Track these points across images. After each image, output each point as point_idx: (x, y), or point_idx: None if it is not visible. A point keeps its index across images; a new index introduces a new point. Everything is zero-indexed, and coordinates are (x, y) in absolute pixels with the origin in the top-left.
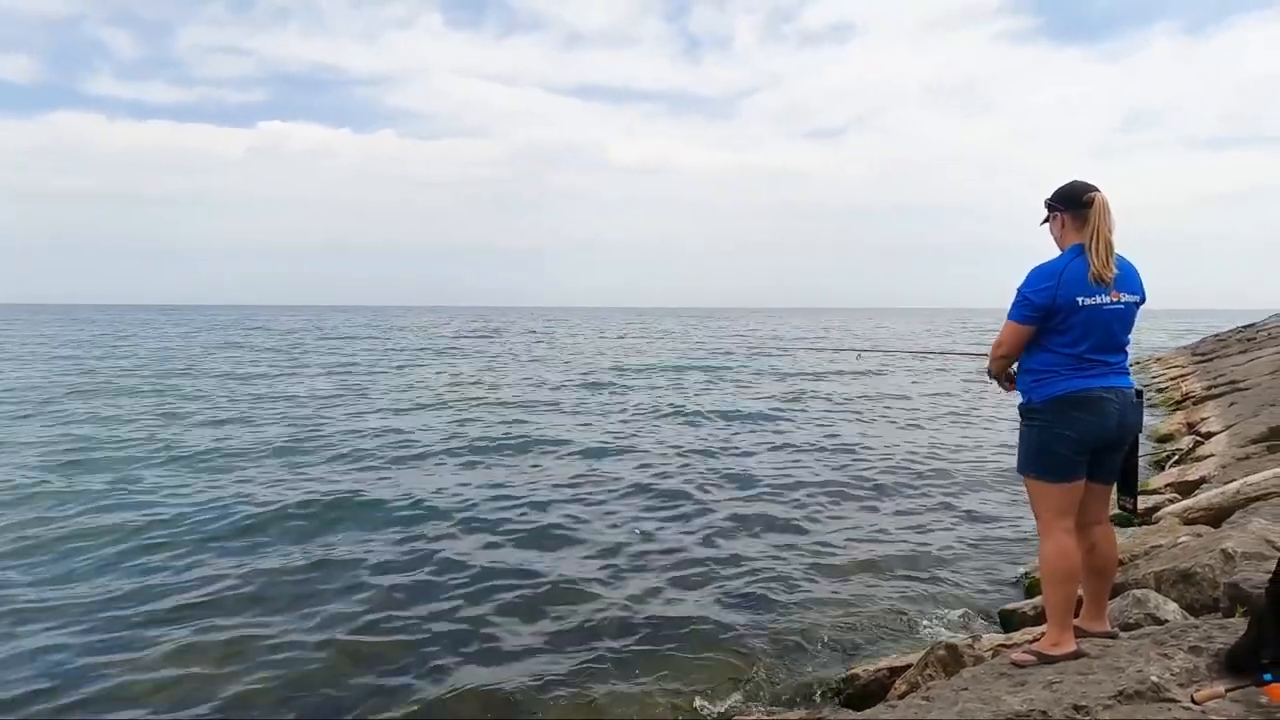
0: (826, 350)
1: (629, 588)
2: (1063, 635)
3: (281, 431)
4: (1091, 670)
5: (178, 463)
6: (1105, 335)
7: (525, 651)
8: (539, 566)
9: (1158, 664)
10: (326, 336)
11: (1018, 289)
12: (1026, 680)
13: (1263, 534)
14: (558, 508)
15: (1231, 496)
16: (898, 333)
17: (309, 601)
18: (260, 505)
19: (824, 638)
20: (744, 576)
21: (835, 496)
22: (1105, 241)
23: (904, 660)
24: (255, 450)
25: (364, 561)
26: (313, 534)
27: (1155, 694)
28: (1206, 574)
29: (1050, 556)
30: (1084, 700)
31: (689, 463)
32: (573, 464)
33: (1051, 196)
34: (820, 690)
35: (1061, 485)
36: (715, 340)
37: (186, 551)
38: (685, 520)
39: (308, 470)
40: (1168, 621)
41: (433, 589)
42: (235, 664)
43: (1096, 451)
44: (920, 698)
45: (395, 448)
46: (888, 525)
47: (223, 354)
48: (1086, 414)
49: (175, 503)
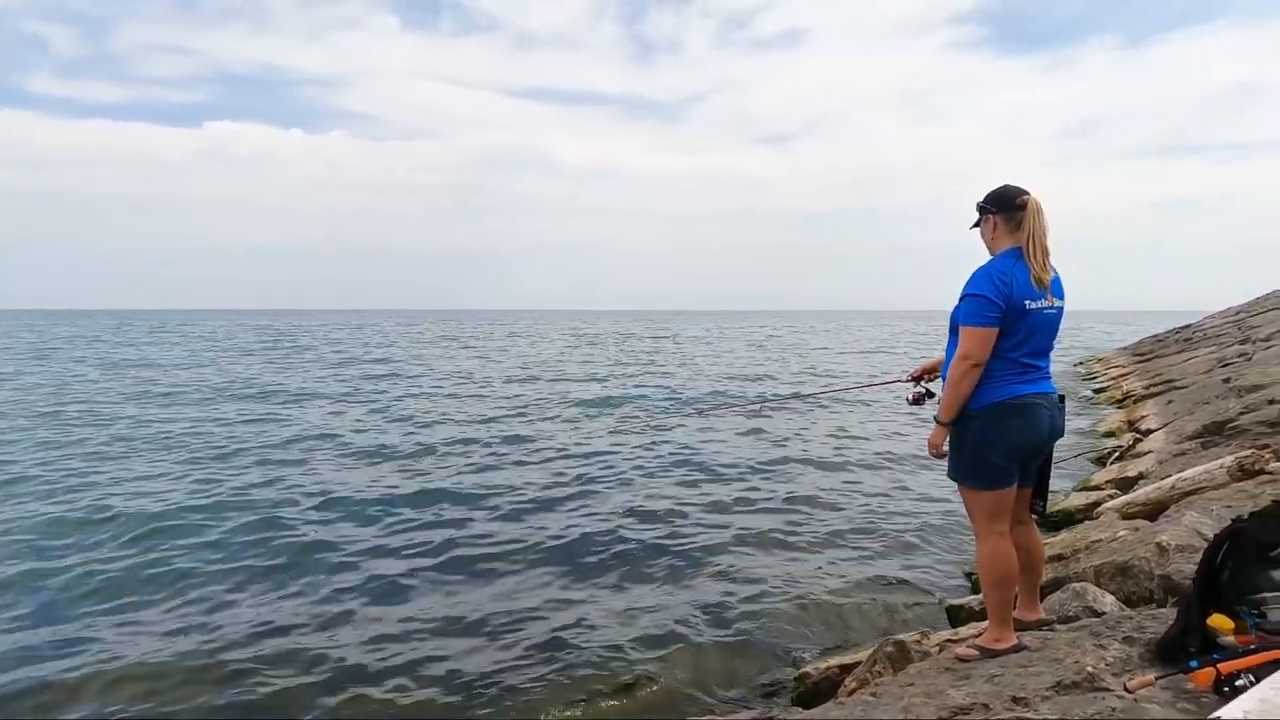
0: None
1: (577, 591)
2: (1004, 632)
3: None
4: (1031, 663)
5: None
6: (1043, 340)
7: (469, 653)
8: (477, 580)
9: (1093, 654)
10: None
11: (969, 294)
12: (970, 674)
13: (1194, 527)
14: (484, 515)
15: (1167, 491)
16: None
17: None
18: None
19: (775, 637)
20: (693, 578)
21: (779, 496)
22: (1042, 245)
23: (854, 658)
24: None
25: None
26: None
27: (1091, 684)
28: (1143, 566)
29: (988, 560)
30: (1023, 692)
31: (625, 463)
32: (515, 469)
33: (984, 199)
34: (772, 689)
35: (995, 492)
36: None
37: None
38: (627, 521)
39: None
40: (1105, 613)
41: (395, 584)
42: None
43: (1026, 457)
44: (869, 694)
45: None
46: (835, 525)
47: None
48: (1021, 421)
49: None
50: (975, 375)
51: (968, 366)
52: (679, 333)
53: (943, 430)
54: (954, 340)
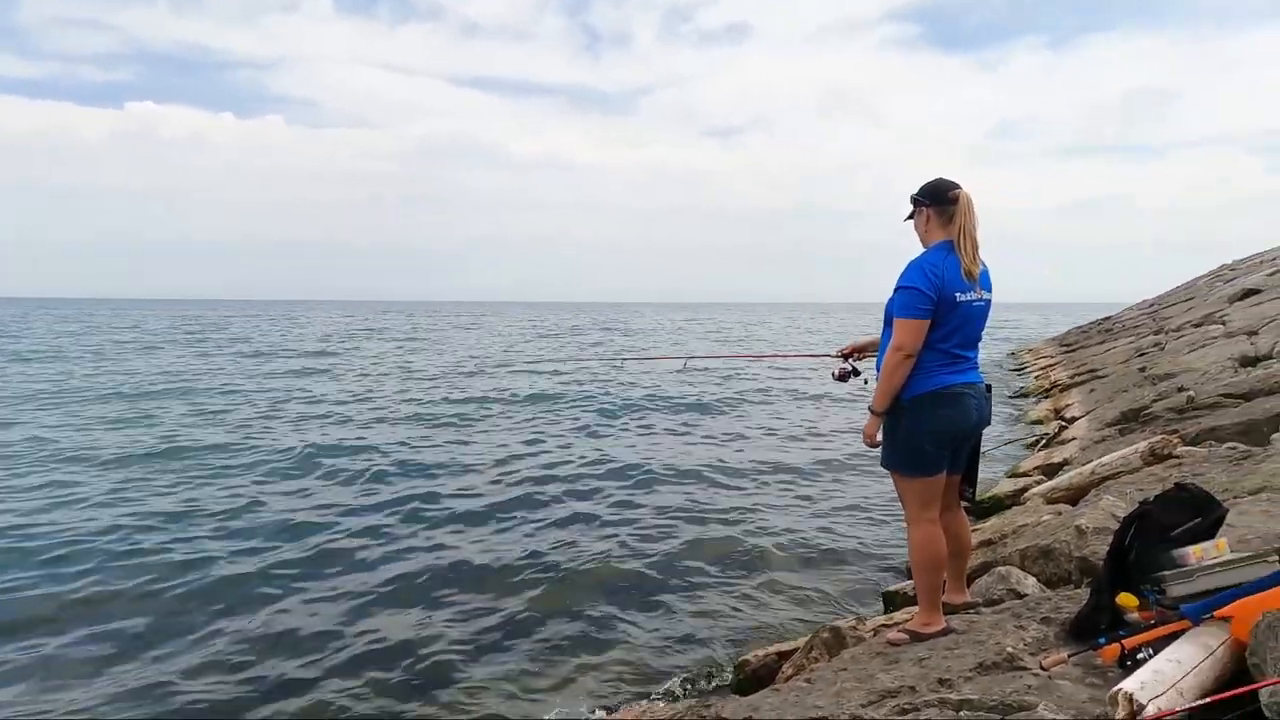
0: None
1: (514, 588)
2: (933, 615)
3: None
4: (957, 645)
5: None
6: (972, 331)
7: (403, 652)
8: (426, 577)
9: (1014, 635)
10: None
11: (903, 286)
12: (899, 658)
13: (1110, 510)
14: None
15: (1088, 476)
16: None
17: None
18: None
19: (715, 626)
20: (632, 568)
21: (718, 485)
22: (972, 238)
23: (792, 645)
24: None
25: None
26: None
27: (1010, 663)
28: (1063, 549)
29: (919, 545)
30: (948, 674)
31: (557, 460)
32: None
33: (918, 192)
34: (712, 678)
35: (926, 479)
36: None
37: None
38: (561, 520)
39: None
40: (1027, 595)
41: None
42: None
43: (956, 445)
44: (803, 680)
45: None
46: (773, 513)
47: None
48: (950, 410)
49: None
50: (908, 366)
51: (901, 357)
52: (628, 322)
53: (876, 420)
54: (889, 331)
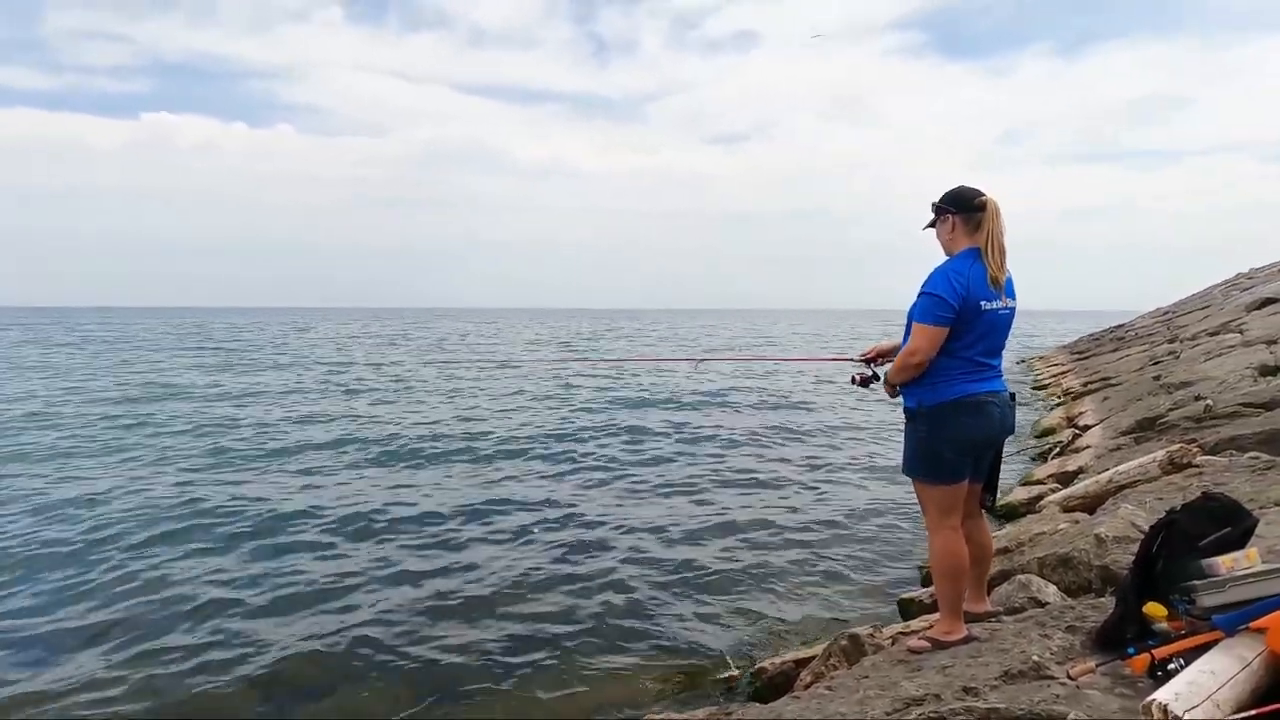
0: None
1: (525, 597)
2: (954, 624)
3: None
4: (981, 653)
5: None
6: (996, 340)
7: (412, 660)
8: (432, 584)
9: (1039, 644)
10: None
11: (926, 291)
12: (922, 666)
13: (1130, 518)
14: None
15: (1104, 485)
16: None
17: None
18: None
19: (731, 633)
20: (643, 575)
21: (735, 493)
22: (1000, 246)
23: (810, 652)
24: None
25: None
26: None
27: (1036, 672)
28: (1083, 558)
29: (940, 553)
30: (973, 682)
31: (573, 467)
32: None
33: (942, 199)
34: (729, 685)
35: (948, 486)
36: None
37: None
38: (581, 527)
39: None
40: (1049, 604)
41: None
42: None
43: (978, 453)
44: (824, 687)
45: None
46: (787, 522)
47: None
48: (972, 418)
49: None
50: (917, 372)
51: (912, 362)
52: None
53: (891, 387)
54: (909, 336)
